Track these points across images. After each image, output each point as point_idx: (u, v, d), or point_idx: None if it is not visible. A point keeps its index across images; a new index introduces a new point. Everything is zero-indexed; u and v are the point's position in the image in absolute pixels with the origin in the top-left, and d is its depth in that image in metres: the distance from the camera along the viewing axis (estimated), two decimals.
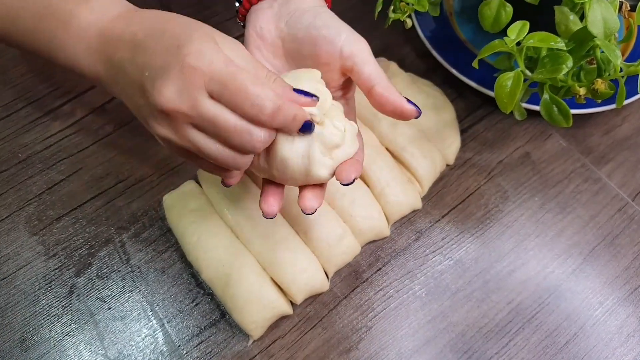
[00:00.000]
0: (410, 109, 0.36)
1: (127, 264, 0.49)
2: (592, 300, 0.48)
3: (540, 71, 0.42)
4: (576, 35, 0.42)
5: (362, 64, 0.36)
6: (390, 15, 0.51)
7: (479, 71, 0.51)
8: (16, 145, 0.55)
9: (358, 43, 0.36)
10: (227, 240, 0.46)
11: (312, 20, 0.37)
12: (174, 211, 0.48)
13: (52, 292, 0.47)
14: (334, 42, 0.36)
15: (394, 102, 0.36)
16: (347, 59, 0.36)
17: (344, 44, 0.36)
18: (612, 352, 0.46)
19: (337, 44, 0.36)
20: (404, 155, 0.51)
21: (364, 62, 0.36)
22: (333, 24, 0.37)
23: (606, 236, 0.51)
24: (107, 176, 0.53)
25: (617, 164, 0.55)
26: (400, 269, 0.49)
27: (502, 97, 0.43)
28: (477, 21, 0.49)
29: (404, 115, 0.36)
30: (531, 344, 0.46)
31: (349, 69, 0.37)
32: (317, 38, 0.37)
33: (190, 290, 0.48)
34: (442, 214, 0.52)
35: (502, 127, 0.57)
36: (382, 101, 0.36)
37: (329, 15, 0.37)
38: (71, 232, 0.50)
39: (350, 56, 0.36)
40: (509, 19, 0.46)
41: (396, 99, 0.36)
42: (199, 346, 0.45)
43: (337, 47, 0.36)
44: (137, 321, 0.46)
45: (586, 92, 0.42)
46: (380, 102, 0.36)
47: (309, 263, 0.46)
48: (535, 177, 0.54)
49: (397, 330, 0.46)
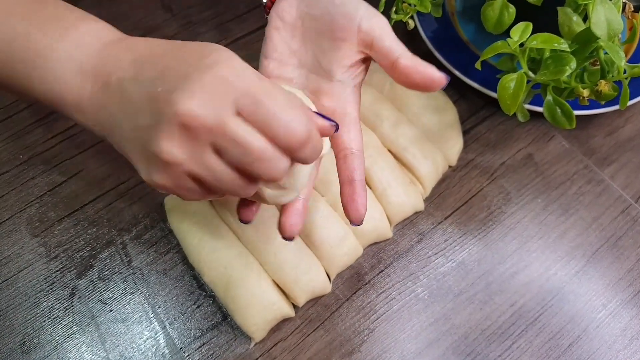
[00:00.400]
0: (441, 76, 0.34)
1: (128, 266, 0.49)
2: (595, 303, 0.48)
3: (543, 72, 0.42)
4: (579, 36, 0.42)
5: (381, 38, 0.35)
6: (393, 16, 0.51)
7: (481, 72, 0.51)
8: (17, 146, 0.55)
9: (377, 17, 0.36)
10: (228, 242, 0.46)
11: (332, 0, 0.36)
12: (176, 213, 0.48)
13: (53, 294, 0.47)
14: (352, 16, 0.35)
15: (424, 72, 0.34)
16: (366, 33, 0.35)
17: (362, 18, 0.35)
18: (615, 354, 0.45)
19: (355, 19, 0.35)
20: (405, 157, 0.51)
21: (383, 36, 0.35)
22: (350, 1, 0.36)
23: (609, 238, 0.51)
24: (108, 178, 0.53)
25: (620, 165, 0.54)
26: (403, 271, 0.49)
27: (505, 98, 0.43)
28: (479, 22, 0.48)
29: (434, 84, 0.34)
30: (534, 346, 0.46)
31: (368, 44, 0.36)
32: (334, 14, 0.36)
33: (192, 293, 0.48)
34: (445, 216, 0.52)
35: (504, 128, 0.56)
36: (409, 72, 0.34)
37: None
38: (73, 233, 0.50)
39: (370, 30, 0.35)
40: (512, 20, 0.46)
41: (426, 69, 0.34)
42: (201, 349, 0.45)
43: (355, 21, 0.35)
44: (138, 323, 0.46)
45: (590, 94, 0.42)
46: (407, 74, 0.35)
47: (311, 265, 0.46)
48: (538, 179, 0.54)
49: (399, 332, 0.46)
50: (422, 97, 0.54)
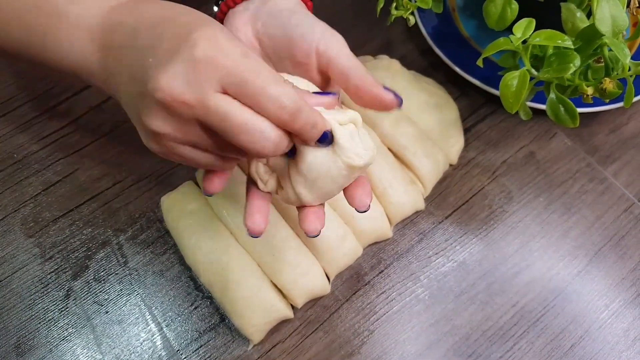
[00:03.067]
0: (389, 97, 0.34)
1: (124, 266, 0.48)
2: (598, 303, 0.47)
3: (546, 70, 0.41)
4: (583, 33, 0.41)
5: (337, 57, 0.34)
6: (393, 12, 0.50)
7: (482, 69, 0.50)
8: (12, 145, 0.54)
9: (333, 37, 0.35)
10: (226, 243, 0.45)
11: (287, 20, 0.36)
12: (172, 213, 0.47)
13: (48, 296, 0.47)
14: (308, 39, 0.35)
15: (370, 91, 0.34)
16: (322, 55, 0.35)
17: (319, 40, 0.35)
18: (618, 355, 0.45)
19: (312, 42, 0.35)
20: (406, 155, 0.50)
21: (339, 56, 0.34)
22: (307, 22, 0.35)
23: (612, 237, 0.50)
24: (104, 177, 0.52)
25: (623, 163, 0.54)
26: (403, 272, 0.48)
27: (507, 96, 0.42)
28: (481, 18, 0.48)
29: (383, 104, 0.34)
30: (536, 347, 0.45)
31: (325, 66, 0.35)
32: (292, 37, 0.35)
33: (189, 294, 0.47)
34: (446, 215, 0.51)
35: (506, 126, 0.56)
36: (358, 92, 0.34)
37: (304, 14, 0.36)
38: (68, 234, 0.49)
39: (325, 52, 0.35)
40: (515, 17, 0.45)
41: (372, 88, 0.34)
42: (198, 351, 0.45)
43: (313, 44, 0.35)
44: (135, 325, 0.46)
45: (594, 92, 0.41)
46: (356, 94, 0.34)
47: (310, 266, 0.45)
48: (540, 177, 0.53)
49: (399, 333, 0.46)
50: (423, 94, 0.53)
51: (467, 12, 0.60)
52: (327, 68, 0.35)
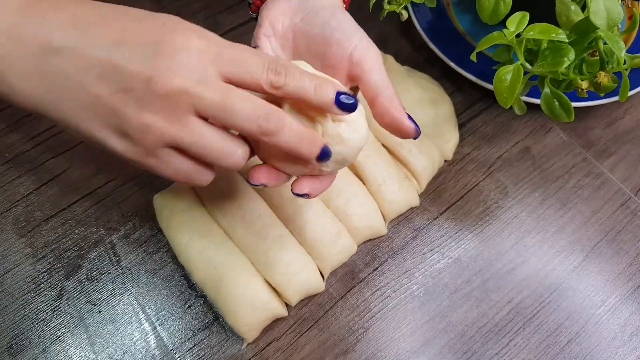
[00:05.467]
0: (410, 126, 0.34)
1: (117, 265, 0.48)
2: (594, 299, 0.47)
3: (540, 64, 0.41)
4: (578, 26, 0.41)
5: (370, 71, 0.34)
6: (386, 6, 0.49)
7: (477, 64, 0.50)
8: (2, 144, 0.53)
9: (369, 50, 0.35)
10: (219, 241, 0.45)
11: (328, 20, 0.36)
12: (165, 211, 0.47)
13: (40, 296, 0.46)
14: (345, 45, 0.35)
15: (394, 115, 0.34)
16: (355, 65, 0.35)
17: (354, 48, 0.35)
18: (614, 351, 0.45)
19: (347, 48, 0.35)
20: (400, 152, 0.50)
21: (372, 70, 0.34)
22: (348, 27, 0.35)
23: (608, 232, 0.50)
24: (96, 176, 0.52)
25: (619, 157, 0.53)
26: (398, 268, 0.48)
27: (501, 91, 0.42)
28: (475, 12, 0.47)
29: (402, 131, 0.35)
30: (532, 343, 0.45)
31: (356, 76, 0.35)
32: (329, 38, 0.35)
33: (183, 293, 0.47)
34: (440, 211, 0.51)
35: (501, 121, 0.55)
36: (383, 112, 0.34)
37: (345, 17, 0.36)
38: (60, 233, 0.49)
39: (359, 62, 0.34)
40: (508, 10, 0.45)
41: (397, 113, 0.34)
42: (192, 350, 0.44)
43: (347, 51, 0.35)
44: (128, 324, 0.45)
45: (589, 86, 0.41)
46: (381, 113, 0.35)
47: (304, 263, 0.45)
48: (535, 172, 0.53)
49: (394, 331, 0.45)
50: (417, 90, 0.53)
51: (461, 6, 0.60)
52: (358, 79, 0.35)
